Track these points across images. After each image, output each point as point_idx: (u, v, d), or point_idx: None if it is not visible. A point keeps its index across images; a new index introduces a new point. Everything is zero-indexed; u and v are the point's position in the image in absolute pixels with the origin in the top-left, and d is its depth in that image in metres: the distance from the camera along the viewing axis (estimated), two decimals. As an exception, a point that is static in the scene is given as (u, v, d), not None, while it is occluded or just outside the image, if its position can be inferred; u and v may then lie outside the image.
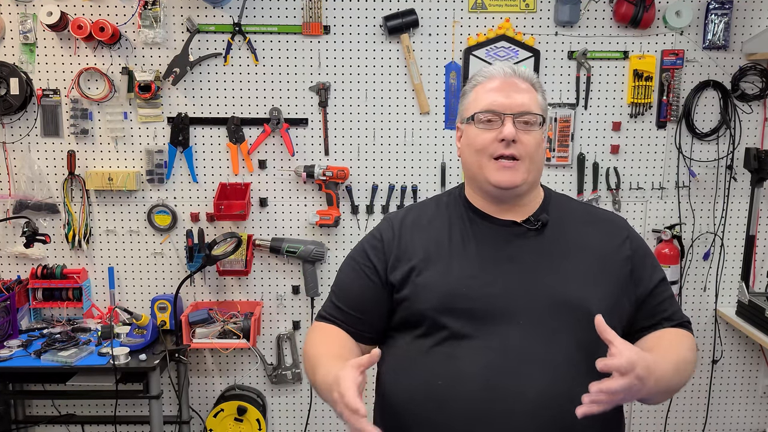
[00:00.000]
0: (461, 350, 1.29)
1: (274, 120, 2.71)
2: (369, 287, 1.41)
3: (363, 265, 1.43)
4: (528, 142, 1.33)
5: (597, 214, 1.47)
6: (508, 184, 1.34)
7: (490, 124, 1.35)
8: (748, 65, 2.74)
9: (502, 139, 1.32)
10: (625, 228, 1.44)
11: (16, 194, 2.73)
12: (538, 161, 1.37)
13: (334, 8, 2.68)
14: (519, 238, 1.36)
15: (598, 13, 2.71)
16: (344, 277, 1.47)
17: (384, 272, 1.40)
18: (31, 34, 2.63)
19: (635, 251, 1.40)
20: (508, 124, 1.32)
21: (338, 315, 1.44)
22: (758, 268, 2.92)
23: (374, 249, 1.43)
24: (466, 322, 1.29)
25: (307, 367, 1.39)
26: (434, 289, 1.33)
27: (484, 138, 1.35)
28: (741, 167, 2.81)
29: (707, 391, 3.02)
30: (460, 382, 1.26)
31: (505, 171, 1.33)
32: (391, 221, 1.46)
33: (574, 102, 2.76)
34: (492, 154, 1.34)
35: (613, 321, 1.31)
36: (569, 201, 1.49)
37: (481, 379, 1.25)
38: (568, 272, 1.33)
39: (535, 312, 1.29)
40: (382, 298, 1.40)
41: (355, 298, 1.43)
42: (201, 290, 2.85)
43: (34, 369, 2.40)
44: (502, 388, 1.24)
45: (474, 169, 1.39)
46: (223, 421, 2.77)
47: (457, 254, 1.36)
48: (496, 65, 1.41)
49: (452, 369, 1.28)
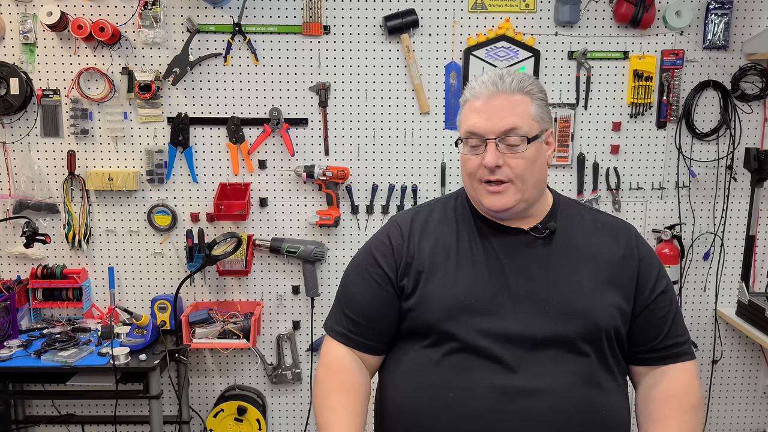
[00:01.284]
0: (471, 362, 1.28)
1: (274, 120, 2.71)
2: (381, 296, 1.38)
3: (373, 272, 1.39)
4: (516, 165, 1.29)
5: (605, 221, 1.44)
6: (498, 208, 1.32)
7: (475, 149, 1.31)
8: (748, 65, 2.74)
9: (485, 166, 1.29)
10: (633, 235, 1.41)
11: (16, 194, 2.73)
12: (533, 179, 1.32)
13: (334, 8, 2.68)
14: (527, 247, 1.35)
15: (598, 13, 2.71)
16: (354, 287, 1.42)
17: (395, 278, 1.37)
18: (31, 34, 2.63)
19: (642, 259, 1.38)
20: (490, 151, 1.28)
21: (353, 328, 1.40)
22: (758, 268, 2.92)
23: (383, 255, 1.39)
24: (475, 334, 1.29)
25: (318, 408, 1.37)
26: (441, 300, 1.32)
27: (472, 163, 1.32)
28: (741, 167, 2.81)
29: (707, 391, 3.02)
30: (471, 395, 1.26)
31: (494, 196, 1.31)
32: (399, 225, 1.43)
33: (574, 102, 2.76)
34: (480, 178, 1.31)
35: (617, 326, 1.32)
36: (578, 207, 1.47)
37: (493, 391, 1.25)
38: (575, 282, 1.32)
39: (542, 323, 1.28)
40: (395, 306, 1.38)
41: (369, 309, 1.39)
42: (201, 290, 2.85)
43: (34, 369, 2.40)
44: (514, 400, 1.24)
45: (469, 190, 1.37)
46: (223, 421, 2.77)
47: (465, 263, 1.34)
48: (483, 77, 1.35)
49: (463, 381, 1.28)
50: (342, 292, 1.45)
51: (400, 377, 1.37)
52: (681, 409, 1.34)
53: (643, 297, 1.36)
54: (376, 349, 1.41)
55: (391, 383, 1.39)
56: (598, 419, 1.28)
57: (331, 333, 1.43)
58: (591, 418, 1.27)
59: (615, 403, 1.33)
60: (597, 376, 1.30)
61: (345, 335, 1.41)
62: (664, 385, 1.37)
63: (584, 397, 1.26)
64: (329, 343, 1.43)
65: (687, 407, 1.35)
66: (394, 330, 1.39)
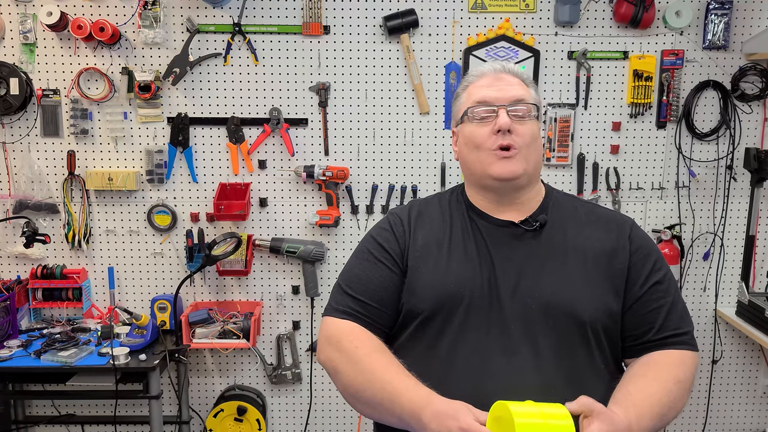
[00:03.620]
0: (455, 352, 1.28)
1: (274, 120, 2.71)
2: (389, 276, 1.37)
3: (379, 255, 1.39)
4: (524, 132, 1.34)
5: (600, 214, 1.43)
6: (508, 175, 1.33)
7: (484, 120, 1.35)
8: (748, 65, 2.74)
9: (498, 130, 1.32)
10: (629, 227, 1.40)
11: (16, 194, 2.73)
12: (535, 153, 1.37)
13: (334, 8, 2.68)
14: (516, 240, 1.36)
15: (598, 13, 2.71)
16: (359, 270, 1.39)
17: (401, 261, 1.37)
18: (31, 34, 2.63)
19: (636, 251, 1.36)
20: (502, 114, 1.33)
21: (359, 308, 1.35)
22: (758, 268, 2.92)
23: (387, 241, 1.40)
24: (461, 324, 1.29)
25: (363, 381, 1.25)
26: (431, 288, 1.32)
27: (481, 133, 1.35)
28: (741, 167, 2.81)
29: (707, 391, 3.02)
30: (449, 384, 1.25)
31: (504, 162, 1.33)
32: (398, 215, 1.45)
33: (574, 102, 2.76)
34: (490, 147, 1.34)
35: (604, 321, 1.31)
36: (572, 200, 1.47)
37: (471, 381, 1.25)
38: (560, 275, 1.31)
39: (526, 314, 1.28)
40: (400, 289, 1.37)
41: (377, 289, 1.35)
42: (201, 290, 2.85)
43: (34, 369, 2.40)
44: (493, 390, 1.22)
45: (474, 165, 1.38)
46: (223, 421, 2.77)
47: (457, 254, 1.35)
48: (485, 64, 1.43)
49: (445, 370, 1.27)
50: (345, 279, 1.40)
51: None
52: (667, 375, 1.28)
53: (635, 289, 1.34)
54: (380, 331, 1.36)
55: None
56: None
57: (334, 313, 1.36)
58: None
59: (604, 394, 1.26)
60: (581, 373, 1.28)
61: (350, 313, 1.34)
62: (655, 356, 1.32)
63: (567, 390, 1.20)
64: (332, 321, 1.36)
65: (673, 377, 1.28)
66: (397, 314, 1.37)
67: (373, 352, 1.28)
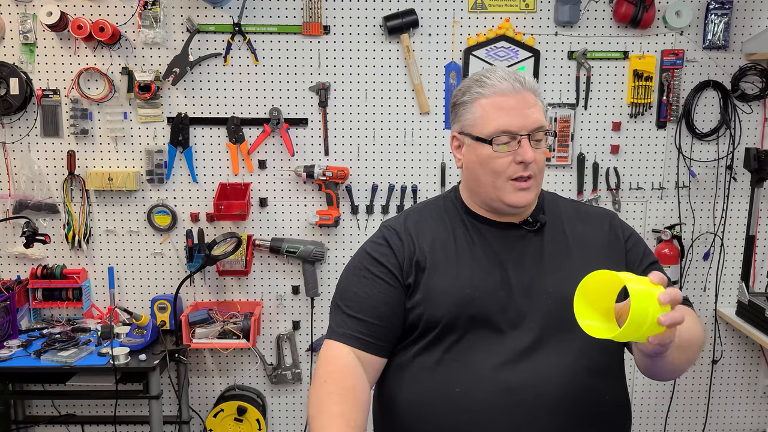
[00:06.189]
0: (475, 355, 1.29)
1: (274, 120, 2.71)
2: (389, 292, 1.35)
3: (376, 271, 1.36)
4: (540, 159, 1.33)
5: (586, 210, 1.48)
6: (524, 204, 1.34)
7: (506, 147, 1.31)
8: (748, 65, 2.74)
9: (521, 162, 1.30)
10: (613, 218, 1.46)
11: (16, 194, 2.73)
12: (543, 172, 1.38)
13: (334, 8, 2.68)
14: (520, 240, 1.37)
15: (598, 13, 2.71)
16: (357, 289, 1.37)
17: (400, 275, 1.36)
18: (31, 34, 2.63)
19: (627, 238, 1.42)
20: (528, 147, 1.29)
21: (361, 328, 1.33)
22: (758, 268, 2.92)
23: (384, 255, 1.37)
24: (480, 327, 1.30)
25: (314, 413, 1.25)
26: (447, 294, 1.32)
27: (502, 161, 1.31)
28: (741, 167, 2.81)
29: (707, 391, 3.02)
30: (478, 387, 1.27)
31: (521, 193, 1.32)
32: (393, 227, 1.42)
33: (574, 102, 2.76)
34: (510, 176, 1.31)
35: None
36: (559, 199, 1.50)
37: (500, 382, 1.26)
38: (570, 269, 1.33)
39: (543, 311, 1.30)
40: (401, 303, 1.35)
41: (377, 306, 1.34)
42: (201, 290, 2.85)
43: (34, 369, 2.40)
44: (521, 389, 1.25)
45: (486, 188, 1.35)
46: (223, 421, 2.77)
47: (465, 258, 1.35)
48: (497, 74, 1.33)
49: (469, 374, 1.28)
50: (341, 298, 1.38)
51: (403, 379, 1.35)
52: (694, 318, 1.32)
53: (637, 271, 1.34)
54: (383, 350, 1.36)
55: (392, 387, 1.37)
56: (602, 406, 1.31)
57: (334, 336, 1.35)
58: (594, 405, 1.29)
59: (617, 390, 1.36)
60: (600, 362, 1.31)
61: (351, 336, 1.33)
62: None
63: (588, 385, 1.28)
64: (330, 346, 1.35)
65: (698, 320, 1.33)
66: (399, 330, 1.36)
67: (340, 393, 1.26)
